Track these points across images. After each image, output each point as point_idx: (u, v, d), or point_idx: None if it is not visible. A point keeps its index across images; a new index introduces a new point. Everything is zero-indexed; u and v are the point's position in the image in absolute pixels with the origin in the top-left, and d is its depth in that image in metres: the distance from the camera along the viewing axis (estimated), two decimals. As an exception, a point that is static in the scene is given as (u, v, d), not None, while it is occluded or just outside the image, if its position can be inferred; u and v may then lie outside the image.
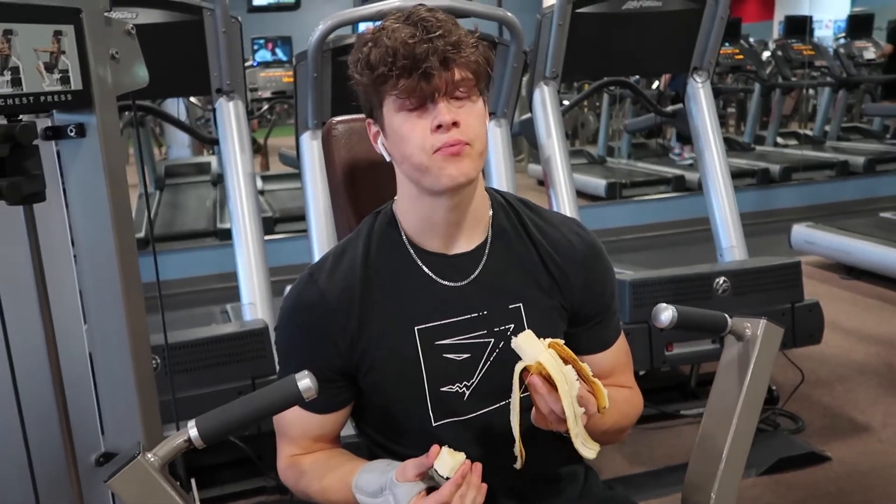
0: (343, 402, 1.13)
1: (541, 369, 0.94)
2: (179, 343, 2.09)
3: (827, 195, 5.93)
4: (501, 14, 2.31)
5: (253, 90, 5.97)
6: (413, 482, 0.97)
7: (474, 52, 1.01)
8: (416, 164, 1.02)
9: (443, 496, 0.94)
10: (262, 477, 2.36)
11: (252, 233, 2.49)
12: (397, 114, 1.02)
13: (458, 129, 1.00)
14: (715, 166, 2.95)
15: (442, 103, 0.99)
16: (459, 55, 0.99)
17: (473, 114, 1.02)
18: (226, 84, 2.52)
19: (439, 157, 1.00)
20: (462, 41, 0.99)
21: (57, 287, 1.11)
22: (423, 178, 1.03)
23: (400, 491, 0.97)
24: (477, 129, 1.02)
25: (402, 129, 1.02)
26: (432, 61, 0.97)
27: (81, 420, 1.17)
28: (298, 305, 1.10)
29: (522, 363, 0.96)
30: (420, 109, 1.01)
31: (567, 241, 1.16)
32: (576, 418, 0.95)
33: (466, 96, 1.02)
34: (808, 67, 7.11)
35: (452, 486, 0.94)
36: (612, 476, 2.37)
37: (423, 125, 1.00)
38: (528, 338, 0.97)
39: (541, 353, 0.95)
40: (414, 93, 0.99)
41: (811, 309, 2.62)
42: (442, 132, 0.99)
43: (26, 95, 0.98)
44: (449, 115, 0.99)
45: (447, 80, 0.99)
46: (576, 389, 0.95)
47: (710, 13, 2.89)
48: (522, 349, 0.96)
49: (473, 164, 1.02)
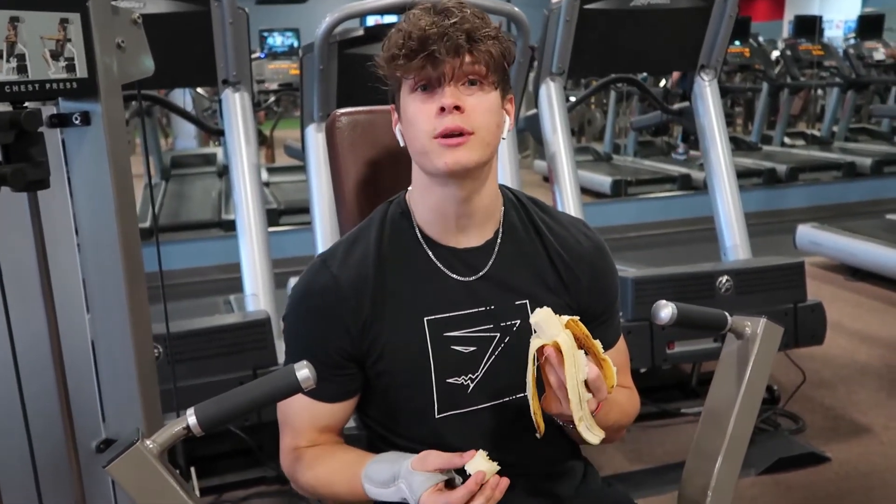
0: (352, 391, 1.12)
1: (557, 347, 0.96)
2: (181, 332, 2.10)
3: (833, 196, 5.91)
4: (509, 9, 2.31)
5: (260, 82, 5.98)
6: (432, 473, 0.97)
7: (491, 43, 1.01)
8: (419, 147, 1.04)
9: (454, 499, 0.94)
10: (262, 467, 2.37)
11: (256, 224, 2.49)
12: (409, 96, 1.04)
13: (462, 114, 1.00)
14: (720, 165, 2.95)
15: (448, 88, 1.00)
16: (472, 44, 0.99)
17: (483, 103, 1.02)
18: (232, 75, 2.52)
19: (438, 144, 1.01)
20: (477, 30, 1.00)
21: (60, 274, 1.12)
22: (424, 161, 1.04)
23: (416, 479, 0.97)
24: (484, 119, 1.02)
25: (411, 111, 1.04)
26: (440, 46, 0.98)
27: (83, 407, 1.17)
28: (311, 290, 1.11)
29: (540, 341, 0.97)
30: (429, 93, 1.02)
31: (575, 241, 1.17)
32: (580, 402, 0.96)
33: (478, 85, 1.02)
34: (817, 67, 7.08)
35: (465, 490, 0.94)
36: (611, 473, 2.38)
37: (429, 108, 1.02)
38: (547, 315, 0.97)
39: (558, 333, 0.96)
40: (420, 73, 1.00)
41: (814, 309, 2.62)
42: (444, 115, 1.00)
43: (32, 83, 0.98)
44: (452, 98, 1.00)
45: (455, 67, 1.00)
46: (583, 374, 0.96)
47: (719, 11, 2.88)
48: (541, 326, 0.97)
49: (474, 153, 1.02)
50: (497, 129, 1.05)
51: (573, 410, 0.96)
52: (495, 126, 1.05)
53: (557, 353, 0.95)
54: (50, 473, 1.15)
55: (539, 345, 0.96)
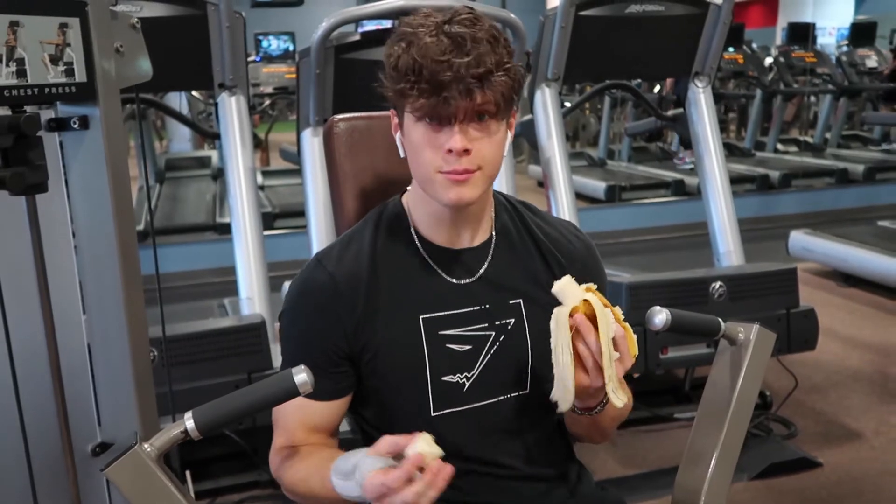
0: (344, 389, 1.12)
1: (586, 309, 0.97)
2: (177, 336, 2.09)
3: (826, 202, 5.94)
4: (505, 15, 2.32)
5: (255, 85, 5.98)
6: (382, 457, 0.92)
7: (503, 79, 0.99)
8: (423, 176, 1.05)
9: (389, 479, 0.88)
10: (257, 471, 2.37)
11: (251, 228, 2.50)
12: (416, 123, 1.02)
13: (469, 156, 1.00)
14: (714, 171, 2.97)
15: (457, 127, 0.99)
16: (485, 85, 0.97)
17: (490, 141, 1.02)
18: (228, 79, 2.53)
19: (444, 178, 1.02)
20: (490, 71, 0.97)
21: (57, 277, 1.12)
22: (428, 188, 1.06)
23: (366, 463, 0.93)
24: (490, 155, 1.03)
25: (417, 140, 1.03)
26: (454, 90, 0.96)
27: (78, 410, 1.17)
28: (307, 288, 1.11)
29: (567, 306, 0.98)
30: (437, 126, 1.01)
31: (566, 241, 1.20)
32: (611, 360, 0.97)
33: (486, 120, 1.01)
34: (809, 74, 7.13)
35: (400, 472, 0.88)
36: (604, 477, 2.38)
37: (436, 142, 1.01)
38: (568, 281, 1.00)
39: (584, 294, 0.98)
40: (431, 113, 0.99)
41: (806, 315, 2.63)
42: (452, 157, 1.00)
43: (31, 87, 0.98)
44: (461, 143, 0.99)
45: (466, 108, 0.98)
46: (612, 332, 0.97)
47: (713, 19, 2.90)
48: (565, 293, 0.99)
49: (479, 188, 1.03)
50: (501, 159, 1.06)
51: (605, 367, 0.97)
52: (500, 157, 1.05)
53: (587, 320, 0.97)
54: (45, 476, 1.15)
55: (568, 310, 0.98)
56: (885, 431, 2.69)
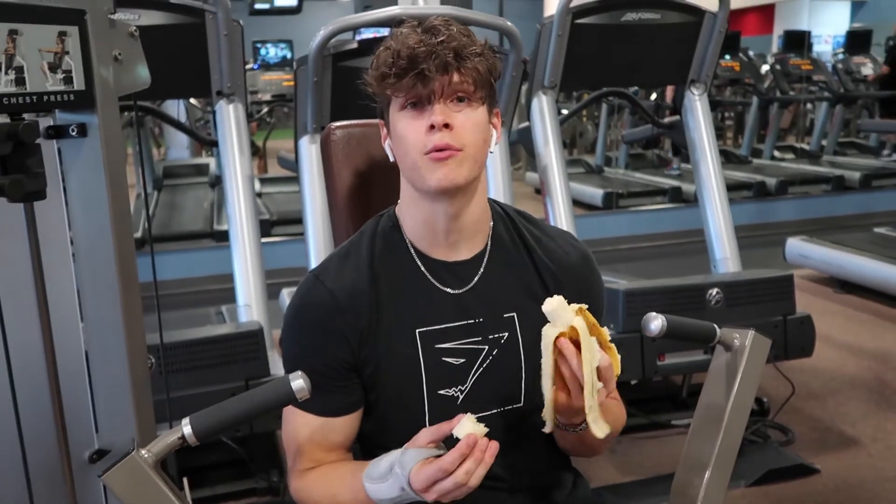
0: (355, 402, 1.12)
1: (573, 335, 0.96)
2: (175, 343, 2.09)
3: (822, 209, 5.96)
4: (501, 23, 2.33)
5: (253, 93, 5.99)
6: (424, 448, 0.95)
7: (478, 60, 1.03)
8: (409, 163, 1.05)
9: (445, 463, 0.91)
10: (254, 478, 2.36)
11: (249, 235, 2.50)
12: (399, 113, 1.05)
13: (451, 132, 1.02)
14: (710, 178, 2.97)
15: (437, 105, 1.02)
16: (459, 61, 1.01)
17: (471, 120, 1.04)
18: (226, 86, 2.53)
19: (428, 160, 1.03)
20: (464, 48, 1.02)
21: (55, 284, 1.12)
22: (415, 177, 1.06)
23: (408, 455, 0.95)
24: (472, 136, 1.04)
25: (401, 128, 1.05)
26: (430, 64, 1.00)
27: (76, 416, 1.17)
28: (307, 305, 1.11)
29: (556, 329, 0.98)
30: (419, 110, 1.04)
31: (563, 252, 1.19)
32: (593, 389, 0.96)
33: (465, 102, 1.04)
34: (806, 82, 7.16)
35: (456, 453, 0.91)
36: (601, 484, 2.38)
37: (419, 125, 1.03)
38: (560, 303, 0.99)
39: (573, 318, 0.97)
40: (410, 91, 1.02)
41: (803, 322, 2.64)
42: (434, 133, 1.02)
43: (30, 95, 0.99)
44: (441, 116, 1.02)
45: (444, 84, 1.02)
46: (597, 360, 0.96)
47: (709, 26, 2.92)
48: (555, 314, 0.98)
49: (463, 170, 1.04)
50: (485, 145, 1.07)
51: (585, 398, 0.95)
52: (483, 142, 1.06)
53: (572, 344, 0.96)
54: (43, 483, 1.15)
55: (556, 333, 0.97)
56: (883, 438, 2.69)
